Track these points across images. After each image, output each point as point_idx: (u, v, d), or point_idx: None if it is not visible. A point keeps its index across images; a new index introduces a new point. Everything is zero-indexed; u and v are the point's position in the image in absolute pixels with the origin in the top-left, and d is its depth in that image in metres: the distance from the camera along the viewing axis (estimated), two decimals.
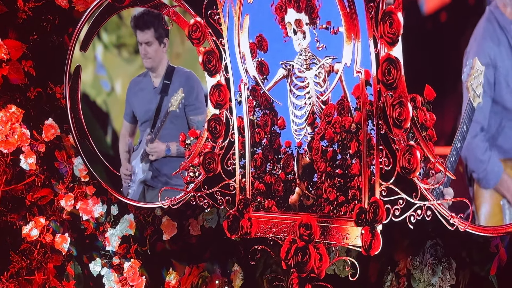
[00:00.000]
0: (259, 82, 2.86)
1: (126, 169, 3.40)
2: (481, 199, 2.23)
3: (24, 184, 3.55)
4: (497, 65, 2.01)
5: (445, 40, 2.22)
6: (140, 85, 3.36)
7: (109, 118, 3.53)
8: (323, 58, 2.66)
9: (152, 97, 3.31)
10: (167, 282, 3.60)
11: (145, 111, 3.34)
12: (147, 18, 3.21)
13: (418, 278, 2.82)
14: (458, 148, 2.20)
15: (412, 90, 2.37)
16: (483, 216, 2.25)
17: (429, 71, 2.23)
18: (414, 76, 2.25)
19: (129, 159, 3.41)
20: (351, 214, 2.60)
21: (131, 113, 3.40)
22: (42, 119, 3.55)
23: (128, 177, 3.39)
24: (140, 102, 3.37)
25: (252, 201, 2.95)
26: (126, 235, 3.61)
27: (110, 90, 3.54)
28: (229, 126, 2.98)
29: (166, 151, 3.30)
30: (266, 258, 3.22)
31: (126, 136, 3.44)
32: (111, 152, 3.50)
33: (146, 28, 3.21)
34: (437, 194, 2.23)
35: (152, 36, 3.22)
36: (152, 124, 3.31)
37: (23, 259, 3.54)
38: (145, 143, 3.34)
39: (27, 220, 3.55)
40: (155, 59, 3.27)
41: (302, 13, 2.64)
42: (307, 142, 2.76)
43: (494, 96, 2.04)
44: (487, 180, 2.20)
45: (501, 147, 2.09)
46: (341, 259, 2.69)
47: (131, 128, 3.42)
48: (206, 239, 3.53)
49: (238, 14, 2.85)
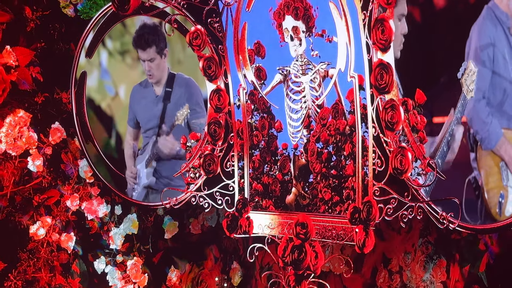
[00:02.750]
0: (257, 87, 2.85)
1: (131, 172, 3.37)
2: (483, 160, 2.33)
3: (31, 185, 3.53)
4: (495, 43, 2.21)
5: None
6: (143, 93, 3.34)
7: (113, 121, 3.51)
8: (318, 64, 2.65)
9: (155, 106, 3.29)
10: (168, 279, 3.58)
11: (148, 119, 3.32)
12: (148, 37, 3.20)
13: (410, 275, 2.80)
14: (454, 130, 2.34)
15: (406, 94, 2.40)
16: (484, 177, 2.33)
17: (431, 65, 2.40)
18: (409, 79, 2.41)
19: (134, 162, 3.39)
20: (345, 213, 2.58)
21: (134, 119, 3.39)
22: (49, 123, 3.53)
23: (133, 180, 3.37)
24: (143, 111, 3.35)
25: (251, 201, 2.93)
26: (129, 234, 3.59)
27: (114, 95, 3.52)
28: (229, 129, 2.96)
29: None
30: (264, 255, 3.20)
31: (130, 140, 3.42)
32: (115, 155, 3.48)
33: (148, 47, 3.20)
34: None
35: (154, 52, 3.22)
36: (157, 132, 3.30)
37: (30, 257, 3.52)
38: (152, 144, 3.31)
39: (34, 220, 3.52)
40: (158, 73, 3.26)
41: (299, 21, 2.63)
42: (303, 144, 2.74)
43: (493, 68, 2.23)
44: (489, 140, 2.30)
45: (506, 113, 2.24)
46: (336, 256, 2.67)
47: (135, 133, 3.41)
48: (206, 237, 3.52)
49: (236, 22, 2.83)
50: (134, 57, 3.37)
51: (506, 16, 2.19)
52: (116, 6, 3.08)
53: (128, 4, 3.04)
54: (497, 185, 2.31)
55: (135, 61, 3.37)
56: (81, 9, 3.44)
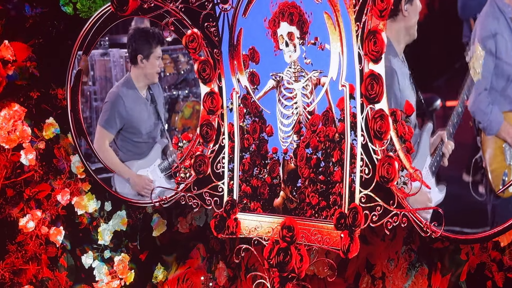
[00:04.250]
0: (250, 91, 2.84)
1: (147, 184, 3.26)
2: (486, 144, 2.41)
3: (23, 178, 3.49)
4: (497, 36, 2.29)
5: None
6: (132, 97, 3.28)
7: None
8: (310, 72, 2.65)
9: (149, 109, 3.27)
10: (154, 276, 3.56)
11: (145, 122, 3.29)
12: (159, 35, 3.18)
13: (392, 281, 2.80)
14: (460, 112, 2.41)
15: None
16: (488, 159, 2.41)
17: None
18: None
19: (126, 168, 3.30)
20: (331, 218, 2.58)
21: (120, 125, 3.29)
22: (43, 118, 3.50)
23: (148, 191, 3.21)
24: (140, 116, 3.29)
25: (239, 202, 2.91)
26: (118, 230, 3.56)
27: None
28: (220, 131, 2.95)
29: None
30: (250, 257, 3.19)
31: (107, 145, 3.31)
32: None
33: (162, 44, 3.19)
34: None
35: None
36: (160, 135, 3.28)
37: (18, 249, 3.48)
38: (162, 149, 3.28)
39: (24, 213, 3.49)
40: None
41: (294, 27, 2.63)
42: (293, 149, 2.74)
43: (496, 61, 2.31)
44: (490, 127, 2.39)
45: (509, 97, 2.34)
46: (320, 260, 2.66)
47: (111, 137, 3.31)
48: (193, 236, 3.50)
49: (232, 27, 2.83)
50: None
51: (509, 6, 2.27)
52: (115, 6, 3.06)
53: (127, 5, 3.02)
54: (501, 165, 2.38)
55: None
56: (80, 8, 3.41)
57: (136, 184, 3.27)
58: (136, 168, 3.31)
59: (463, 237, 2.31)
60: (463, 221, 2.33)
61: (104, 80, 3.58)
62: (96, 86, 3.62)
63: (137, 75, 3.27)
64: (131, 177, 3.28)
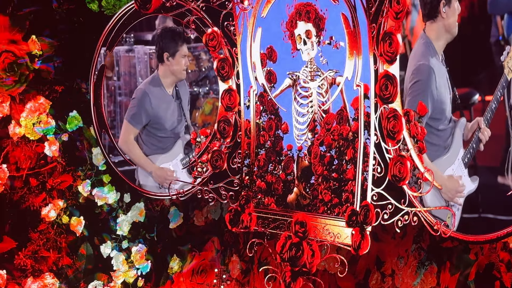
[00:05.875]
0: (267, 89, 2.85)
1: (167, 178, 3.30)
2: None
3: (46, 169, 3.54)
4: None
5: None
6: (158, 94, 3.32)
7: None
8: (326, 71, 2.65)
9: (174, 106, 3.30)
10: (170, 267, 3.59)
11: (170, 119, 3.32)
12: (185, 34, 3.21)
13: (401, 279, 2.79)
14: (493, 108, 2.37)
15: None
16: None
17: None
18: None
19: (149, 162, 3.35)
20: (343, 215, 2.58)
21: (146, 121, 3.33)
22: (67, 111, 3.54)
23: (168, 182, 3.26)
24: (165, 112, 3.32)
25: (253, 197, 2.93)
26: (136, 221, 3.59)
27: None
28: (237, 127, 2.97)
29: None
30: (263, 251, 3.20)
31: (133, 140, 3.36)
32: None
33: (188, 43, 3.22)
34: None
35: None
36: (183, 131, 3.31)
37: (40, 238, 3.53)
38: (184, 145, 3.31)
39: (47, 202, 3.53)
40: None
41: (311, 24, 2.63)
42: (307, 147, 2.75)
43: None
44: None
45: None
46: (331, 256, 2.66)
47: (136, 133, 3.36)
48: (208, 229, 3.52)
49: (251, 26, 2.84)
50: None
51: None
52: (139, 4, 3.10)
53: (150, 3, 3.06)
54: None
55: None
56: (105, 5, 3.45)
57: (159, 176, 3.31)
58: (160, 162, 3.34)
59: (473, 238, 2.30)
60: (497, 209, 2.31)
61: (129, 76, 3.61)
62: (120, 81, 3.65)
63: (164, 73, 3.30)
64: (154, 170, 3.32)
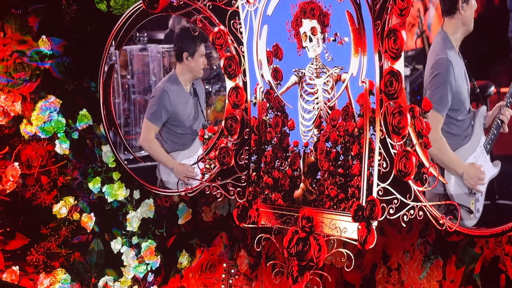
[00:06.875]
0: (273, 86, 2.86)
1: (187, 174, 3.33)
2: None
3: (57, 166, 3.56)
4: None
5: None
6: (176, 91, 3.34)
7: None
8: (332, 68, 2.65)
9: (192, 103, 3.32)
10: (179, 262, 3.61)
11: (188, 116, 3.35)
12: (203, 34, 3.22)
13: (407, 273, 2.80)
14: (509, 103, 2.38)
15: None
16: None
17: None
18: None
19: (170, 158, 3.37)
20: (349, 210, 2.59)
21: (165, 119, 3.36)
22: (77, 110, 3.57)
23: (189, 177, 3.28)
24: (184, 110, 3.34)
25: (261, 193, 2.94)
26: (146, 218, 3.61)
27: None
28: (244, 124, 2.98)
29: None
30: (270, 246, 3.21)
31: (153, 137, 3.40)
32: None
33: (205, 42, 3.23)
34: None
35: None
36: (202, 125, 3.33)
37: (52, 234, 3.55)
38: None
39: (58, 199, 3.56)
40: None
41: (315, 20, 2.64)
42: (313, 143, 2.75)
43: None
44: None
45: None
46: (338, 250, 2.67)
47: (157, 130, 3.39)
48: (217, 225, 3.53)
49: (257, 24, 2.85)
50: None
51: None
52: (146, 4, 3.11)
53: (158, 3, 3.07)
54: None
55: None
56: (113, 5, 3.47)
57: (180, 172, 3.33)
58: (181, 158, 3.36)
59: (478, 232, 2.30)
60: None
61: (142, 74, 3.63)
62: (134, 80, 3.67)
63: (182, 71, 3.32)
64: (175, 166, 3.35)
